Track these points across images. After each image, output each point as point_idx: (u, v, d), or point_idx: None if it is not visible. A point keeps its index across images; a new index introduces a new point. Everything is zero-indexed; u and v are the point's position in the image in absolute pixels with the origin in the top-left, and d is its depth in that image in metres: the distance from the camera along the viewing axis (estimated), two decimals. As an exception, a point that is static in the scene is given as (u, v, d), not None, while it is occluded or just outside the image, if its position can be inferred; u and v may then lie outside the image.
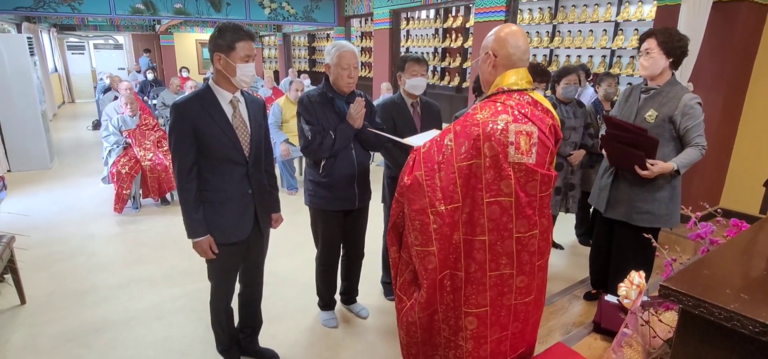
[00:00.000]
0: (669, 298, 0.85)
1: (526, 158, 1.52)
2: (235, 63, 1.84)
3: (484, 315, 1.68)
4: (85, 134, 8.87)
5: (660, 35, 2.23)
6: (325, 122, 2.34)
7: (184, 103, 1.86)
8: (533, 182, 1.55)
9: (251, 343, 2.39)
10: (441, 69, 9.06)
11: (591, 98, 5.87)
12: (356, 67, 2.34)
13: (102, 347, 2.51)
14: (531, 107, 1.57)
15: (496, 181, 1.53)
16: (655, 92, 2.32)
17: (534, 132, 1.53)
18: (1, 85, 5.69)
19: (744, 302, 0.79)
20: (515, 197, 1.54)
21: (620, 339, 1.52)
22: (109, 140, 4.59)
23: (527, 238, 1.60)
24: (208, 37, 1.89)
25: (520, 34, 1.58)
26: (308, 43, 13.84)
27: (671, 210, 2.37)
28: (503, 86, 1.58)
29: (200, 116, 1.85)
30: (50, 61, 12.35)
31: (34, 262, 3.41)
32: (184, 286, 3.15)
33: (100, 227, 4.22)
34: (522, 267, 1.64)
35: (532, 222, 1.58)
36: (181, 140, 1.85)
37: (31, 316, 2.79)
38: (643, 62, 2.30)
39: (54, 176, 5.86)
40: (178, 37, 14.27)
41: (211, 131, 1.87)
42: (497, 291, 1.67)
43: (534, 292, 1.74)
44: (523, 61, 1.59)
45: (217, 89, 1.91)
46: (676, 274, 0.89)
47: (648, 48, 2.26)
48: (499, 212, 1.56)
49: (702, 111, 2.25)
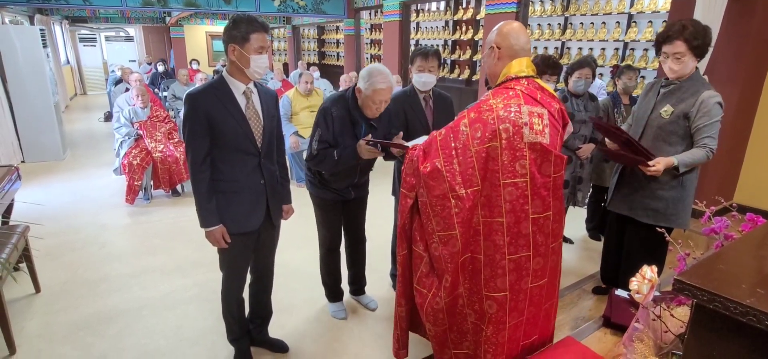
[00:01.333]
0: (683, 292, 0.84)
1: (541, 138, 1.59)
2: (250, 54, 1.84)
3: (504, 300, 1.71)
4: (97, 125, 8.98)
5: (692, 38, 2.06)
6: (341, 140, 2.29)
7: (199, 93, 1.87)
8: (547, 162, 1.61)
9: (261, 333, 2.41)
10: (451, 62, 8.99)
11: (599, 89, 5.80)
12: (387, 101, 2.28)
13: (114, 335, 2.55)
14: (539, 91, 1.65)
15: (512, 162, 1.58)
16: (675, 86, 2.22)
17: (544, 114, 1.61)
18: (15, 77, 5.77)
19: (760, 297, 0.78)
20: (530, 177, 1.59)
21: (631, 334, 1.51)
22: (120, 131, 4.64)
23: (542, 219, 1.65)
24: (223, 29, 1.89)
25: (520, 29, 1.70)
26: (318, 35, 13.82)
27: (678, 210, 2.27)
28: (511, 74, 1.67)
29: (214, 107, 1.86)
30: (62, 54, 12.49)
31: (48, 251, 3.46)
32: (195, 276, 3.19)
33: (112, 217, 4.28)
34: (537, 249, 1.69)
35: (546, 204, 1.63)
36: (194, 131, 1.86)
37: (46, 304, 2.84)
38: (673, 67, 2.14)
39: (67, 167, 5.95)
40: (188, 29, 14.34)
41: (225, 122, 1.88)
42: (516, 276, 1.70)
43: (547, 275, 1.76)
44: (524, 52, 1.69)
45: (231, 80, 1.91)
46: (691, 268, 0.87)
47: (678, 52, 2.09)
48: (516, 194, 1.61)
49: (721, 112, 2.11)
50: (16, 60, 5.73)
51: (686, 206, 2.26)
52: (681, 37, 2.07)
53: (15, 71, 5.75)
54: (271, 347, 2.41)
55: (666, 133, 2.24)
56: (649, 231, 2.26)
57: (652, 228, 2.22)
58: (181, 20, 13.61)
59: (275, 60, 15.17)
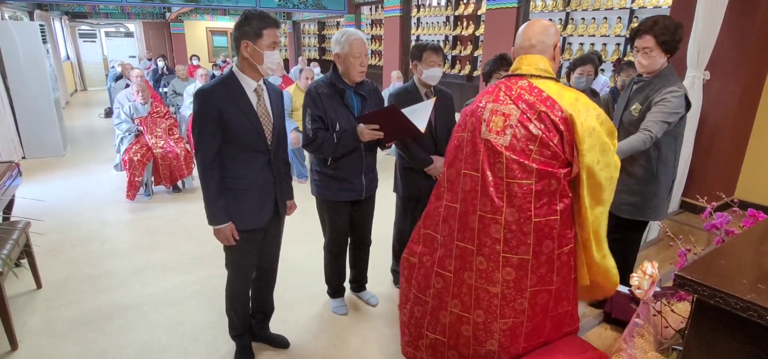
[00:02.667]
0: (684, 288, 0.84)
1: (496, 138, 1.58)
2: (263, 50, 1.83)
3: (449, 280, 1.76)
4: (98, 121, 8.98)
5: (659, 33, 2.10)
6: (333, 115, 2.30)
7: (210, 89, 1.85)
8: (499, 163, 1.57)
9: (262, 329, 2.41)
10: (452, 57, 8.97)
11: (603, 86, 5.79)
12: (367, 55, 2.31)
13: (116, 331, 2.56)
14: (523, 90, 1.58)
15: (471, 154, 1.65)
16: (644, 83, 2.24)
17: (513, 114, 1.56)
18: (15, 73, 5.76)
19: (761, 292, 0.78)
20: (482, 173, 1.61)
21: (631, 329, 1.51)
22: (121, 127, 4.64)
23: (488, 219, 1.61)
24: (234, 25, 1.87)
25: (530, 26, 1.68)
26: (318, 31, 13.79)
27: (654, 205, 2.28)
28: (511, 70, 1.70)
29: (226, 103, 1.84)
30: (62, 49, 12.47)
31: (50, 247, 3.47)
32: (196, 273, 3.19)
33: (113, 213, 4.28)
34: (482, 248, 1.66)
35: (495, 206, 1.58)
36: (206, 127, 1.83)
37: (47, 300, 2.85)
38: (642, 61, 2.18)
39: (68, 163, 5.95)
40: (188, 24, 14.31)
41: (237, 119, 1.86)
42: (460, 263, 1.73)
43: (500, 286, 1.66)
44: (526, 49, 1.65)
45: (242, 77, 1.89)
46: (692, 264, 0.87)
47: (647, 47, 2.13)
48: (470, 185, 1.66)
49: (680, 105, 2.08)
50: (17, 56, 5.72)
51: (661, 200, 2.27)
52: (650, 32, 2.11)
53: (15, 67, 5.74)
54: (273, 342, 2.42)
55: (636, 130, 2.23)
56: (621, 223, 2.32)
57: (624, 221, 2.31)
58: (181, 16, 13.58)
59: (275, 56, 15.15)
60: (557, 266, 1.63)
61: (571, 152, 1.54)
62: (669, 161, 2.22)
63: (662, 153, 2.21)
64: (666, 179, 2.25)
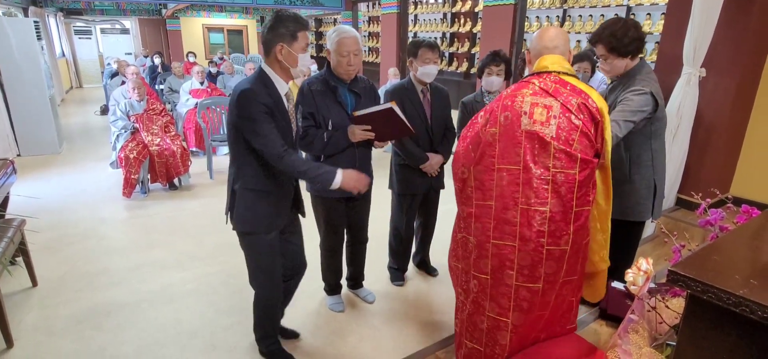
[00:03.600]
0: (677, 283, 0.85)
1: (541, 128, 1.59)
2: (297, 53, 1.82)
3: (485, 283, 1.74)
4: (93, 118, 8.93)
5: (606, 42, 2.15)
6: (325, 112, 2.30)
7: (257, 88, 1.79)
8: (545, 153, 1.58)
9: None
10: (449, 54, 8.96)
11: (600, 82, 5.81)
12: (357, 54, 2.27)
13: (113, 328, 2.56)
14: (558, 85, 1.64)
15: (508, 149, 1.63)
16: (615, 84, 2.30)
17: (554, 106, 1.60)
18: (10, 70, 5.72)
19: (753, 288, 0.79)
20: (523, 165, 1.60)
21: (626, 325, 1.52)
22: (116, 124, 4.62)
23: (532, 211, 1.61)
24: (266, 26, 1.82)
25: (550, 29, 1.77)
26: (315, 28, 13.76)
27: (632, 204, 2.28)
28: (536, 69, 1.73)
29: (270, 101, 1.81)
30: (57, 46, 12.39)
31: (46, 245, 3.46)
32: (193, 270, 3.19)
33: (109, 211, 4.27)
34: (526, 244, 1.63)
35: (541, 197, 1.59)
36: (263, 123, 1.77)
37: (44, 298, 2.84)
38: (603, 67, 2.27)
39: (63, 160, 5.92)
40: (184, 21, 14.25)
41: (276, 118, 1.83)
42: (498, 262, 1.70)
43: (541, 282, 1.67)
44: (549, 50, 1.73)
45: (275, 78, 1.86)
46: (685, 259, 0.88)
47: (602, 54, 2.21)
48: (508, 179, 1.64)
49: (644, 103, 2.07)
50: (11, 53, 5.68)
51: (641, 198, 2.26)
52: (599, 40, 2.16)
53: (9, 64, 5.70)
54: (284, 334, 2.43)
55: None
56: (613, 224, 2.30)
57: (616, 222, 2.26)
58: (177, 12, 13.52)
59: (272, 53, 15.12)
60: (582, 256, 1.73)
61: (601, 142, 1.64)
62: (644, 161, 2.21)
63: (634, 154, 2.22)
64: (642, 179, 2.24)
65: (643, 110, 2.06)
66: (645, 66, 2.21)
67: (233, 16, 14.89)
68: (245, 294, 2.92)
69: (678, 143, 3.57)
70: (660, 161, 2.27)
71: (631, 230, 2.35)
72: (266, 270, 2.07)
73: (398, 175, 2.73)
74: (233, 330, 2.54)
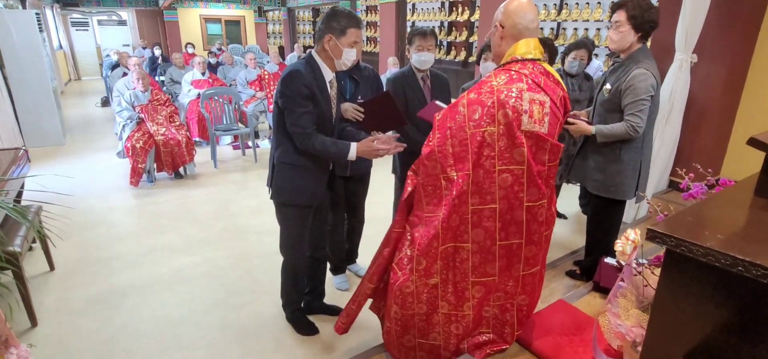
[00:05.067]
0: (655, 240, 0.97)
1: (539, 127, 1.56)
2: (343, 47, 1.97)
3: (492, 284, 1.75)
4: (94, 110, 8.99)
5: (631, 8, 2.15)
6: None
7: (302, 70, 1.96)
8: (543, 150, 1.59)
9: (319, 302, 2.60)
10: (447, 43, 9.03)
11: (596, 70, 5.90)
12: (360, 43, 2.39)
13: (130, 308, 2.68)
14: (544, 76, 1.60)
15: (509, 149, 1.55)
16: (618, 64, 2.33)
17: (546, 102, 1.57)
18: (13, 62, 5.78)
19: (719, 241, 0.91)
20: (527, 165, 1.56)
21: (616, 291, 1.65)
22: (122, 115, 4.71)
23: (537, 207, 1.63)
24: (322, 17, 1.99)
25: (527, 6, 1.61)
26: (313, 18, 13.75)
27: (618, 182, 2.36)
28: (516, 55, 1.61)
29: (314, 84, 1.98)
30: (55, 38, 12.38)
31: (58, 231, 3.55)
32: (203, 254, 3.31)
33: (118, 199, 4.38)
34: (530, 237, 1.69)
35: (541, 192, 1.61)
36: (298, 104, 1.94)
37: (62, 281, 2.96)
38: (612, 36, 2.24)
39: (68, 151, 6.01)
40: (182, 12, 14.22)
41: (318, 102, 2.00)
42: (506, 261, 1.72)
43: (540, 263, 1.79)
44: (530, 31, 1.62)
45: (322, 65, 2.03)
46: (663, 221, 1.00)
47: (618, 21, 2.19)
48: (511, 181, 1.58)
49: (648, 89, 2.15)
50: (13, 45, 5.73)
51: (626, 178, 2.34)
52: (623, 7, 2.18)
53: (12, 56, 5.76)
54: (329, 312, 2.59)
55: (606, 110, 2.35)
56: (597, 200, 2.47)
57: (600, 198, 2.43)
58: (174, 3, 13.49)
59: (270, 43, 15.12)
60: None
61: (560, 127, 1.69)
62: (635, 143, 2.30)
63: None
64: (631, 160, 2.32)
65: (649, 91, 2.16)
66: (648, 51, 2.27)
67: (231, 6, 14.86)
68: (254, 275, 3.05)
69: (670, 126, 3.69)
70: (648, 144, 2.37)
71: (615, 207, 2.47)
72: (295, 239, 2.24)
73: (400, 159, 2.84)
74: (245, 309, 2.67)
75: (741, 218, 1.10)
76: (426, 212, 1.69)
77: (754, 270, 0.85)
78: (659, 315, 1.06)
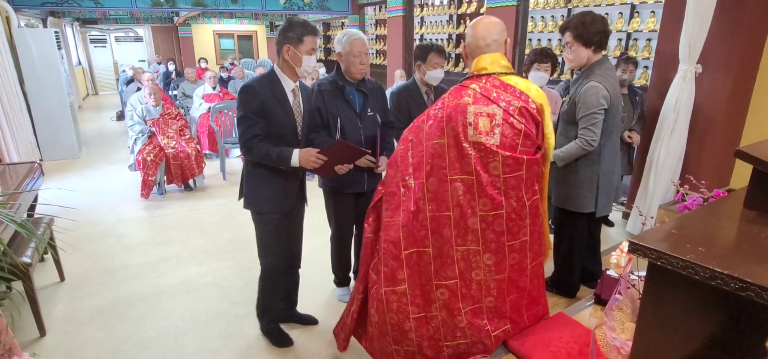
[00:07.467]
0: (636, 252, 0.97)
1: (486, 138, 1.60)
2: (302, 55, 2.05)
3: (455, 287, 1.77)
4: (110, 124, 9.21)
5: (574, 28, 2.25)
6: (334, 110, 2.46)
7: (257, 84, 2.07)
8: (495, 162, 1.61)
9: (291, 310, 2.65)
10: (455, 56, 9.08)
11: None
12: (367, 54, 2.46)
13: (135, 318, 2.73)
14: (498, 89, 1.63)
15: (458, 159, 1.64)
16: (577, 77, 2.39)
17: (497, 114, 1.60)
18: (32, 78, 5.98)
19: (699, 254, 0.91)
20: (476, 175, 1.62)
21: (612, 304, 1.63)
22: (134, 129, 4.82)
23: (492, 217, 1.66)
24: (279, 30, 2.09)
25: (488, 23, 1.70)
26: (323, 32, 13.95)
27: (575, 195, 2.40)
28: (474, 71, 1.71)
29: (269, 97, 2.06)
30: (74, 55, 12.75)
31: (70, 242, 3.64)
32: (208, 265, 3.36)
33: (128, 211, 4.47)
34: (488, 245, 1.71)
35: (496, 202, 1.64)
36: (247, 115, 2.05)
37: (71, 291, 3.03)
38: (567, 55, 2.35)
39: (83, 164, 6.16)
40: (195, 28, 14.55)
41: (276, 113, 2.08)
42: (465, 265, 1.74)
43: (507, 271, 1.78)
44: (490, 48, 1.69)
45: (282, 77, 2.11)
46: (646, 233, 1.00)
47: (568, 41, 2.29)
48: (463, 190, 1.65)
49: (599, 102, 2.19)
50: (32, 62, 5.94)
51: (583, 190, 2.36)
52: (567, 28, 2.26)
53: (32, 73, 5.96)
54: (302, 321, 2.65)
55: (566, 123, 2.40)
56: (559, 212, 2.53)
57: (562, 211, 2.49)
58: (188, 20, 13.82)
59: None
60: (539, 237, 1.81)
61: (542, 137, 1.71)
62: (591, 156, 2.31)
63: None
64: (588, 172, 2.34)
65: (601, 104, 2.19)
66: (606, 62, 2.31)
67: (243, 22, 15.17)
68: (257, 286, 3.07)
69: (676, 137, 3.65)
70: (608, 158, 2.37)
71: (576, 220, 2.47)
72: (270, 247, 2.30)
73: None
74: (247, 320, 2.70)
75: (727, 230, 1.10)
76: (386, 217, 1.81)
77: (732, 283, 0.84)
78: (643, 330, 1.05)
